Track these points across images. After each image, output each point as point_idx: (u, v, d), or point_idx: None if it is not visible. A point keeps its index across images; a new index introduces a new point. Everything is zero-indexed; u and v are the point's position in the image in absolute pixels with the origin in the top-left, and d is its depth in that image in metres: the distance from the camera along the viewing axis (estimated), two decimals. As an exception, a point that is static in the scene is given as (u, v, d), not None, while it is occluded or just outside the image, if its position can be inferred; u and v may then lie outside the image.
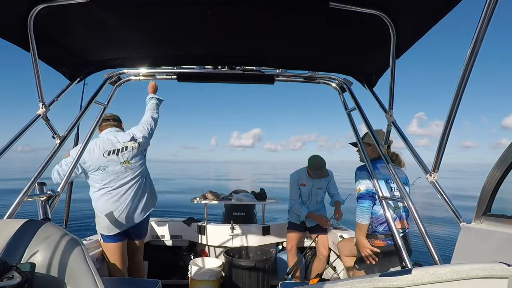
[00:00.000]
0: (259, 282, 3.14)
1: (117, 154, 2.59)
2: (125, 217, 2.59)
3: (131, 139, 2.67)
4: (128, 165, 2.63)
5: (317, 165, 3.41)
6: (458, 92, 1.32)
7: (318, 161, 3.42)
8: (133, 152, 2.65)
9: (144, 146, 2.74)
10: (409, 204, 1.85)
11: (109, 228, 2.59)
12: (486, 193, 1.44)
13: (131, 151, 2.64)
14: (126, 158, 2.62)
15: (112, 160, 2.58)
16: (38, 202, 1.77)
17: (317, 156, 3.47)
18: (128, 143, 2.65)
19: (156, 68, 2.46)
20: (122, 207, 2.58)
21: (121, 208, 2.58)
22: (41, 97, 1.80)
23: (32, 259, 0.88)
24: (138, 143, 2.69)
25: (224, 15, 1.61)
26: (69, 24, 1.67)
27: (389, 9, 1.48)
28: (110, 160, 2.57)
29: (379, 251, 2.30)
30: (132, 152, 2.65)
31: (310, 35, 1.79)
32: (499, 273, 0.76)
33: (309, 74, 2.52)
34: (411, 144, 1.90)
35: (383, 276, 0.77)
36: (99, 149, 2.56)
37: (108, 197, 2.59)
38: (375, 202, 2.30)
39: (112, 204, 2.58)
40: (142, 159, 2.74)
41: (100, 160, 2.55)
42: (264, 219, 3.86)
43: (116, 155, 2.59)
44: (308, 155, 3.60)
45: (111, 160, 2.57)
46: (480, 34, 1.15)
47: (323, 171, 3.41)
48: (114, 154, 2.58)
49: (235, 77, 2.40)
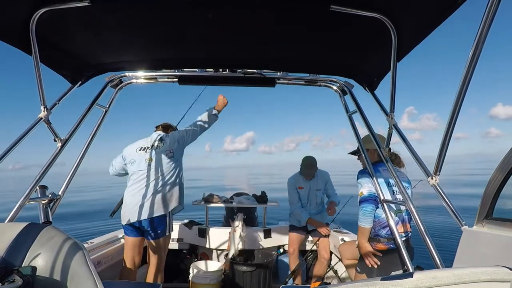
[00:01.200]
0: (260, 286, 3.12)
1: (145, 151, 2.79)
2: (137, 210, 2.68)
3: (159, 139, 2.84)
4: (150, 162, 2.75)
5: (307, 164, 3.51)
6: (460, 94, 1.31)
7: (309, 161, 3.52)
8: (157, 151, 2.78)
9: (170, 147, 2.81)
10: (410, 207, 1.85)
11: (124, 218, 2.72)
12: (488, 197, 1.44)
13: (156, 150, 2.79)
14: (150, 155, 2.77)
15: (140, 156, 2.78)
16: (39, 205, 1.77)
17: (309, 157, 3.59)
18: (156, 142, 2.83)
19: (158, 71, 2.47)
20: (137, 200, 2.69)
21: (136, 201, 2.69)
22: (42, 100, 1.80)
23: (33, 262, 0.88)
24: (163, 143, 2.81)
25: (225, 18, 1.61)
26: (71, 28, 1.68)
27: (390, 13, 1.49)
28: (139, 155, 2.78)
29: (381, 255, 2.29)
30: (156, 150, 2.78)
31: (311, 38, 1.80)
32: (501, 277, 0.76)
33: (310, 77, 2.53)
34: (412, 147, 1.90)
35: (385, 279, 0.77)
36: (136, 145, 2.84)
37: (130, 189, 2.76)
38: (378, 206, 2.29)
39: (131, 196, 2.72)
40: (169, 159, 2.79)
41: (132, 154, 2.81)
42: (265, 222, 3.86)
43: (144, 151, 2.79)
44: (302, 156, 3.72)
45: (139, 156, 2.78)
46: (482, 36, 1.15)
47: (312, 170, 3.50)
48: (143, 151, 2.80)
49: (236, 80, 2.41)
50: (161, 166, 2.75)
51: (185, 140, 2.88)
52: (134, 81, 2.52)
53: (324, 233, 3.40)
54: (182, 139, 2.86)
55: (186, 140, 2.88)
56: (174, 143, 2.82)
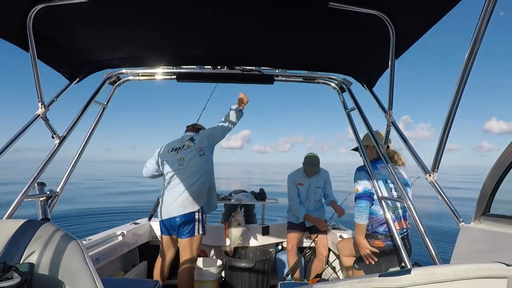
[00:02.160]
0: (259, 283, 3.13)
1: (177, 152, 2.89)
2: (166, 208, 2.80)
3: (189, 139, 2.93)
4: (182, 162, 2.83)
5: (310, 162, 3.51)
6: (457, 93, 1.32)
7: (312, 159, 3.52)
8: (188, 150, 2.86)
9: (200, 145, 2.88)
10: (408, 204, 1.86)
11: (159, 215, 2.87)
12: (485, 193, 1.45)
13: (187, 149, 2.87)
14: (182, 155, 2.85)
15: (172, 156, 2.89)
16: (37, 202, 1.77)
17: (313, 154, 3.60)
18: (186, 142, 2.91)
19: (156, 68, 2.46)
20: (168, 199, 2.79)
21: (167, 199, 2.80)
22: (40, 97, 1.79)
23: (31, 259, 0.87)
24: (194, 142, 2.89)
25: (224, 15, 1.61)
26: (68, 24, 1.67)
27: (389, 9, 1.49)
28: (171, 156, 2.89)
29: (378, 252, 2.30)
30: (187, 150, 2.87)
31: (310, 35, 1.79)
32: (498, 273, 0.76)
33: (308, 74, 2.52)
34: (411, 144, 1.90)
35: (383, 276, 0.77)
36: (168, 146, 2.96)
37: (164, 189, 2.88)
38: (373, 203, 2.30)
39: (164, 196, 2.84)
40: (200, 157, 2.85)
41: (164, 156, 2.93)
42: (263, 219, 3.86)
43: (176, 152, 2.89)
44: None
45: (172, 156, 2.89)
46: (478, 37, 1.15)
47: (316, 168, 3.50)
48: (174, 151, 2.90)
49: (234, 77, 2.40)
50: (192, 165, 2.82)
51: (215, 138, 2.94)
52: (132, 78, 2.51)
53: (322, 228, 3.41)
54: (211, 136, 2.92)
55: (216, 137, 2.94)
56: (203, 141, 2.89)
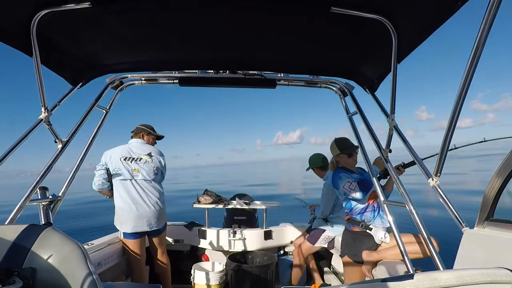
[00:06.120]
0: (262, 287, 3.12)
1: (131, 161, 2.94)
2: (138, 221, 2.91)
3: (148, 154, 3.02)
4: (138, 174, 2.93)
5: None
6: (460, 96, 1.31)
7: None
8: (146, 165, 2.97)
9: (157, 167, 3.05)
10: (411, 208, 1.84)
11: (123, 228, 2.93)
12: (488, 198, 1.44)
13: (144, 163, 2.97)
14: (138, 167, 2.94)
15: (128, 165, 2.92)
16: (39, 206, 1.77)
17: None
18: (143, 155, 3.00)
19: (158, 73, 2.47)
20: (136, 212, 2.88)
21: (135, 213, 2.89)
22: (43, 101, 1.81)
23: (33, 264, 0.88)
24: (152, 159, 3.02)
25: (226, 19, 1.62)
26: (72, 29, 1.69)
27: (391, 14, 1.49)
28: (126, 165, 2.92)
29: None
30: (145, 164, 2.97)
31: (312, 39, 1.80)
32: (502, 279, 0.76)
33: (310, 78, 2.53)
34: (413, 149, 1.90)
35: (385, 281, 0.77)
36: (116, 152, 2.95)
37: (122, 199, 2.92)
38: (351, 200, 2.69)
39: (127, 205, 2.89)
40: (156, 176, 3.03)
41: (116, 163, 2.91)
42: (265, 223, 3.85)
43: (130, 161, 2.94)
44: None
45: (127, 165, 2.92)
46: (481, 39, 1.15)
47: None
48: (128, 160, 2.94)
49: (236, 81, 2.41)
50: (150, 180, 2.97)
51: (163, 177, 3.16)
52: (135, 82, 2.53)
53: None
54: (163, 174, 3.14)
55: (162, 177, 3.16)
56: (160, 169, 3.07)
